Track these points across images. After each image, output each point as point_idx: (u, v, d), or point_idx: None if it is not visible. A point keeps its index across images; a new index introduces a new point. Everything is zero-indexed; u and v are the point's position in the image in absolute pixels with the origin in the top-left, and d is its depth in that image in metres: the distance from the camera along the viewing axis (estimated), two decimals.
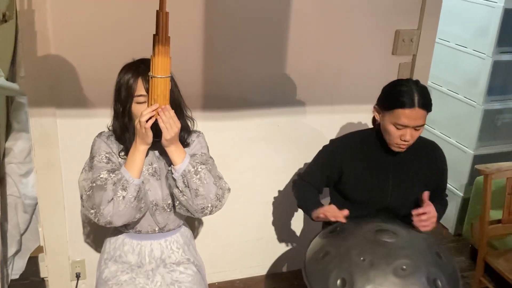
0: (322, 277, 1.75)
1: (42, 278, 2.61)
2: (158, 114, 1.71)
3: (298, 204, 2.19)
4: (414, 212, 1.92)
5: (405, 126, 1.91)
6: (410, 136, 1.92)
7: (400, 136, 1.94)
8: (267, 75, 2.50)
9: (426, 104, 1.91)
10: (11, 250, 2.66)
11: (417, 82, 1.96)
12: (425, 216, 1.92)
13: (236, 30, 2.37)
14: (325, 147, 2.20)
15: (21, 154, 2.66)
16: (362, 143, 2.11)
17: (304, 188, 2.19)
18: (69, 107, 2.28)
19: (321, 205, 2.07)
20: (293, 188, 2.26)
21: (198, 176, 1.78)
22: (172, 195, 1.88)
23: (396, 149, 1.99)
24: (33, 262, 2.76)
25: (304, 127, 2.66)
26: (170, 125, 1.72)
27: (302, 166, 2.74)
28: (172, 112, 1.73)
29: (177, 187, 1.79)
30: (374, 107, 2.04)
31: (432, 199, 2.07)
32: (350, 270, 1.71)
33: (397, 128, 1.93)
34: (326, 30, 2.49)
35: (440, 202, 2.13)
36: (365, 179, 2.08)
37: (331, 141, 2.20)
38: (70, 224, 2.49)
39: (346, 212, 1.92)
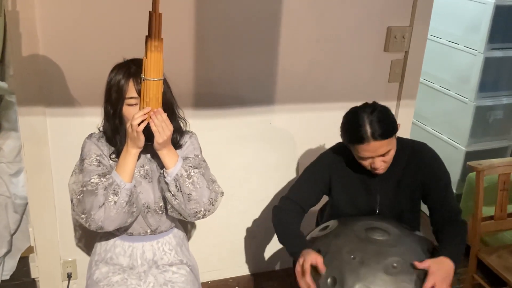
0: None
1: (33, 279, 2.59)
2: (150, 118, 1.68)
3: (279, 240, 1.98)
4: None
5: (370, 157, 1.85)
6: (380, 163, 1.86)
7: (370, 165, 1.88)
8: (259, 73, 2.49)
9: (383, 134, 1.80)
10: (1, 251, 2.64)
11: (372, 108, 1.83)
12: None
13: (227, 28, 2.36)
14: (314, 161, 2.11)
15: (11, 154, 2.64)
16: (348, 156, 2.01)
17: (284, 219, 2.00)
18: (59, 105, 2.26)
19: (304, 244, 1.88)
20: (273, 217, 2.04)
21: (190, 180, 1.76)
22: (164, 198, 1.86)
23: (376, 173, 1.92)
24: (24, 263, 2.74)
25: (296, 125, 2.65)
26: (162, 129, 1.69)
27: (294, 164, 2.74)
28: (164, 116, 1.69)
29: (170, 191, 1.77)
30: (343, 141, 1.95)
31: (440, 223, 1.92)
32: (340, 269, 1.70)
33: (364, 160, 1.88)
34: (317, 27, 2.48)
35: (450, 235, 1.87)
36: (353, 193, 2.03)
37: (320, 155, 2.11)
38: (61, 223, 2.46)
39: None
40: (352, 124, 1.85)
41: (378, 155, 1.83)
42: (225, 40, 2.38)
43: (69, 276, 2.57)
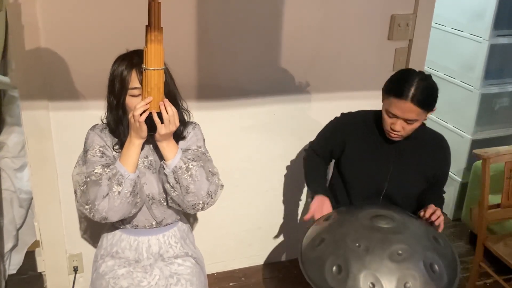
0: (318, 264, 1.74)
1: (40, 273, 2.60)
2: (159, 108, 1.68)
3: (305, 180, 2.24)
4: (427, 214, 1.90)
5: (395, 116, 1.89)
6: (400, 127, 1.90)
7: (390, 125, 1.92)
8: (262, 63, 2.48)
9: (422, 102, 1.84)
10: (7, 245, 2.65)
11: (427, 77, 1.89)
12: (435, 214, 1.90)
13: (229, 19, 2.34)
14: (334, 119, 2.19)
15: (15, 148, 2.64)
16: (370, 123, 2.08)
17: (313, 163, 2.22)
18: (62, 99, 2.26)
19: (325, 189, 2.12)
20: (304, 160, 2.27)
21: (189, 173, 1.76)
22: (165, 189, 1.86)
23: (389, 137, 1.97)
24: (30, 257, 2.75)
25: (300, 115, 2.64)
26: (170, 122, 1.70)
27: (299, 154, 2.72)
28: (174, 110, 1.71)
29: (169, 183, 1.77)
30: (382, 89, 2.00)
31: (428, 194, 2.08)
32: (345, 256, 1.70)
33: (389, 116, 1.92)
34: (321, 16, 2.46)
35: (436, 201, 2.06)
36: (366, 160, 2.07)
37: (341, 114, 2.19)
38: (66, 217, 2.47)
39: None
40: (401, 78, 1.90)
41: (404, 118, 1.88)
42: (227, 30, 2.36)
43: (75, 270, 2.58)
